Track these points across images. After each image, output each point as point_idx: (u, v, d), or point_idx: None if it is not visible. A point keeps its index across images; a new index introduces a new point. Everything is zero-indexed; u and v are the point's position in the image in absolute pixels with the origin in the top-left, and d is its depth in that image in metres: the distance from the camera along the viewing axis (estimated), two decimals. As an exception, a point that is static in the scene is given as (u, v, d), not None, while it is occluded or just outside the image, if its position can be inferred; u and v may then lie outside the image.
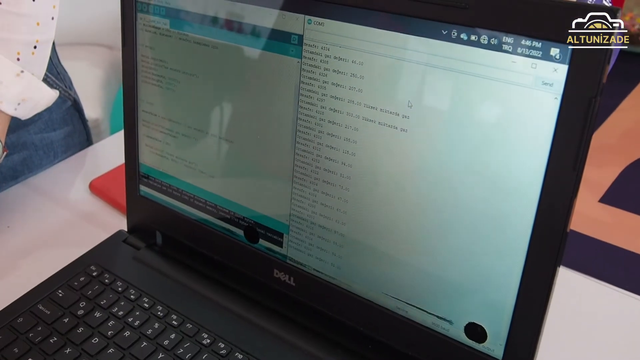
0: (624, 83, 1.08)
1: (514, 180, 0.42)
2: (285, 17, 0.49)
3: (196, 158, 0.60)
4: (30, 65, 0.67)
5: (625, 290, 0.64)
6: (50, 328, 0.55)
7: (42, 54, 0.68)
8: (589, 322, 0.61)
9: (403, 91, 0.45)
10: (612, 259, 0.69)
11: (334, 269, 0.53)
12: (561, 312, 0.44)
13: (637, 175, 0.85)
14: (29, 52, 0.66)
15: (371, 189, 0.49)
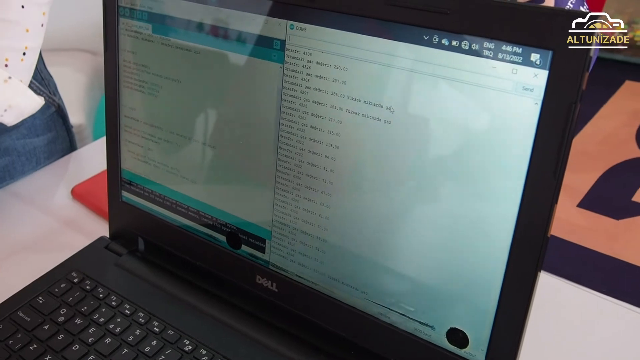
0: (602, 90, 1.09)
1: (495, 186, 0.42)
2: (268, 23, 0.49)
3: (178, 164, 0.59)
4: (18, 72, 0.66)
5: (603, 293, 0.65)
6: (30, 335, 0.55)
7: (30, 60, 0.68)
8: (568, 326, 0.61)
9: (385, 96, 0.45)
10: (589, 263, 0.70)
11: (317, 275, 0.53)
12: (541, 316, 0.44)
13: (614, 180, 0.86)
14: (17, 58, 0.66)
15: (353, 194, 0.49)
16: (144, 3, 0.57)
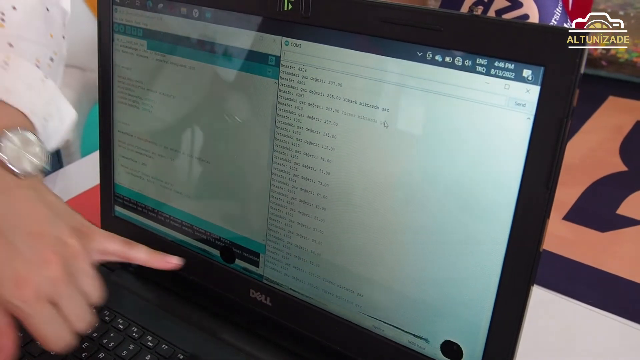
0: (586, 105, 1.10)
1: (488, 200, 0.43)
2: (263, 39, 0.50)
3: (172, 178, 0.60)
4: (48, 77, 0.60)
5: (589, 304, 0.66)
6: (23, 351, 0.54)
7: (56, 69, 0.62)
8: (558, 337, 0.62)
9: (379, 112, 0.46)
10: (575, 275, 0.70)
11: (311, 289, 0.54)
12: (533, 329, 0.45)
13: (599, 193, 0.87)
14: (46, 63, 0.60)
15: (347, 208, 0.49)
16: (139, 19, 0.57)
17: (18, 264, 0.44)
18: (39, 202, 0.48)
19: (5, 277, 0.43)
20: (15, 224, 0.45)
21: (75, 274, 0.46)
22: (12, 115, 0.51)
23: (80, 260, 0.47)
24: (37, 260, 0.44)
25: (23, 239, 0.45)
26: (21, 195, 0.47)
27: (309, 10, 0.47)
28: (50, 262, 0.44)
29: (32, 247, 0.45)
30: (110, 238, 0.52)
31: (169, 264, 0.55)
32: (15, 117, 0.52)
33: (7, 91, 0.51)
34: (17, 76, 0.53)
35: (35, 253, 0.45)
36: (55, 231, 0.47)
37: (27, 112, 0.52)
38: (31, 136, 0.50)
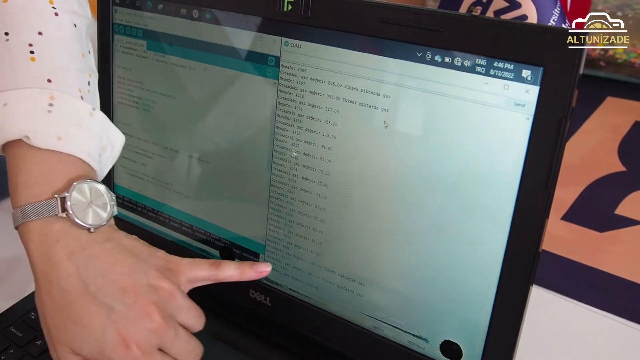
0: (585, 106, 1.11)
1: (487, 200, 0.43)
2: (262, 39, 0.50)
3: (172, 179, 0.60)
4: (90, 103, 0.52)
5: (587, 304, 0.66)
6: (22, 351, 0.54)
7: (95, 90, 0.54)
8: (557, 337, 0.62)
9: (378, 111, 0.46)
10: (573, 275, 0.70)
11: (310, 289, 0.54)
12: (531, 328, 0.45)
13: (597, 193, 0.87)
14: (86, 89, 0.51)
15: (346, 209, 0.49)
16: (139, 20, 0.57)
17: (119, 325, 0.42)
18: (120, 253, 0.45)
19: (110, 340, 0.42)
20: (103, 282, 0.43)
21: (174, 314, 0.45)
22: (70, 164, 0.47)
23: (175, 299, 0.45)
24: (136, 316, 0.43)
25: (116, 296, 0.43)
26: (99, 251, 0.45)
27: (308, 11, 0.47)
28: (150, 314, 0.43)
29: (127, 304, 0.43)
30: (196, 265, 0.49)
31: (261, 274, 0.51)
32: (73, 165, 0.47)
33: (58, 139, 0.46)
34: (65, 118, 0.47)
35: (132, 309, 0.43)
36: (144, 278, 0.45)
37: (83, 157, 0.47)
38: (97, 185, 0.47)
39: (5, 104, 0.46)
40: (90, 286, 0.43)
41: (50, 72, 0.48)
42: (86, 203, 0.46)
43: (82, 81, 0.50)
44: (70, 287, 0.43)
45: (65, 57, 0.50)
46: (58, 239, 0.44)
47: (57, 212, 0.44)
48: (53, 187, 0.46)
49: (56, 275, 0.43)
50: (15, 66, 0.48)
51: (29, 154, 0.46)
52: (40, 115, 0.47)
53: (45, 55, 0.49)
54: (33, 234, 0.45)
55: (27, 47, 0.48)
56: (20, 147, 0.46)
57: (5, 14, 0.48)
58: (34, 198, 0.45)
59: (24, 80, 0.47)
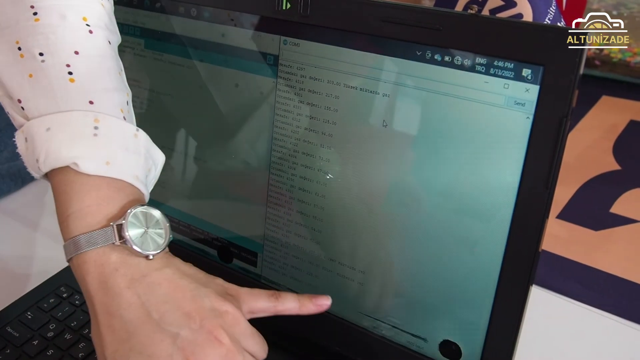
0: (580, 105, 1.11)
1: (487, 199, 0.43)
2: (261, 38, 0.50)
3: (170, 178, 0.59)
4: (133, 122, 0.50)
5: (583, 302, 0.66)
6: (19, 351, 0.54)
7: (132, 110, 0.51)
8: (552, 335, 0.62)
9: (377, 110, 0.46)
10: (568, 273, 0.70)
11: (309, 288, 0.54)
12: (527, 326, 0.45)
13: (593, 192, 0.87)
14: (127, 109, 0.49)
15: (345, 208, 0.49)
16: (137, 19, 0.57)
17: (187, 351, 0.40)
18: (180, 279, 0.43)
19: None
20: (166, 309, 0.42)
21: (240, 340, 0.43)
22: (120, 189, 0.45)
23: (240, 325, 0.44)
24: (204, 341, 0.41)
25: (181, 322, 0.41)
26: (160, 278, 0.43)
27: (307, 10, 0.47)
28: (219, 337, 0.41)
29: (193, 329, 0.41)
30: (256, 296, 0.47)
31: (321, 307, 0.49)
32: (123, 191, 0.45)
33: (107, 163, 0.44)
34: (112, 142, 0.45)
35: (199, 334, 0.41)
36: (208, 302, 0.43)
37: (132, 181, 0.46)
38: (152, 210, 0.45)
39: (49, 128, 0.44)
40: (153, 314, 0.41)
41: (91, 93, 0.46)
42: (142, 230, 0.44)
43: (122, 100, 0.48)
44: (132, 316, 0.41)
45: (104, 76, 0.47)
46: (117, 268, 0.42)
47: (115, 240, 0.43)
48: (107, 215, 0.44)
49: (117, 305, 0.42)
50: (55, 88, 0.45)
51: (78, 181, 0.44)
52: (86, 139, 0.44)
53: (85, 75, 0.46)
54: (89, 265, 0.43)
55: (64, 67, 0.46)
56: (67, 174, 0.44)
57: (39, 34, 0.46)
58: (88, 228, 0.43)
59: (66, 103, 0.45)
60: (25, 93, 0.45)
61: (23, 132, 0.45)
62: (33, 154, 0.44)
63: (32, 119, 0.45)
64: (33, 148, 0.44)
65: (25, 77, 0.45)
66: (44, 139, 0.44)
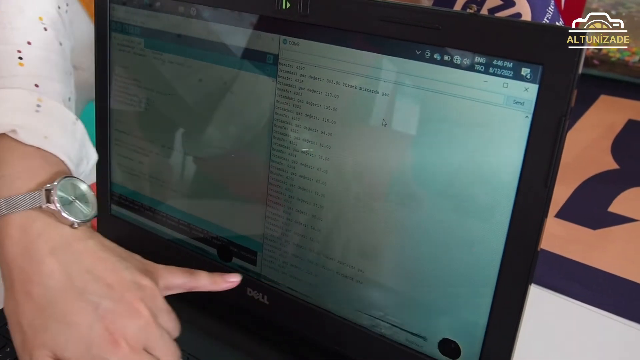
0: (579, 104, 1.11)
1: (486, 198, 0.43)
2: (261, 37, 0.50)
3: (169, 177, 0.59)
4: None
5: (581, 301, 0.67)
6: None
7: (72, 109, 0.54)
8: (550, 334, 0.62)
9: (377, 110, 0.46)
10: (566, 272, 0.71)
11: (308, 287, 0.54)
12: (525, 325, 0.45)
13: (591, 191, 0.87)
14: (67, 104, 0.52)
15: (345, 207, 0.49)
16: (136, 18, 0.57)
17: (107, 320, 0.41)
18: (102, 251, 0.45)
19: (98, 337, 0.41)
20: (89, 279, 0.42)
21: (157, 314, 0.44)
22: (53, 164, 0.47)
23: (158, 299, 0.45)
24: (125, 312, 0.42)
25: (103, 292, 0.42)
26: (84, 248, 0.44)
27: (307, 9, 0.47)
28: (139, 309, 0.42)
29: (115, 299, 0.42)
30: (173, 272, 0.49)
31: (230, 284, 0.52)
32: (56, 165, 0.47)
33: (45, 137, 0.47)
34: (51, 120, 0.48)
35: (120, 304, 0.42)
36: (129, 276, 0.44)
37: (64, 159, 0.48)
38: (80, 183, 0.47)
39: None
40: (75, 282, 0.42)
41: (37, 77, 0.49)
42: (70, 199, 0.45)
43: (65, 94, 0.51)
44: (54, 284, 0.42)
45: (52, 68, 0.50)
46: (40, 234, 0.43)
47: (42, 203, 0.43)
48: (37, 181, 0.45)
49: (38, 272, 0.42)
50: (3, 68, 0.48)
51: (13, 148, 0.46)
52: (28, 112, 0.47)
53: (33, 62, 0.49)
54: (12, 228, 0.43)
55: (16, 52, 0.49)
56: (4, 141, 0.46)
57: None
58: (16, 191, 0.44)
59: (12, 81, 0.48)
60: None
61: None
62: None
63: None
64: None
65: None
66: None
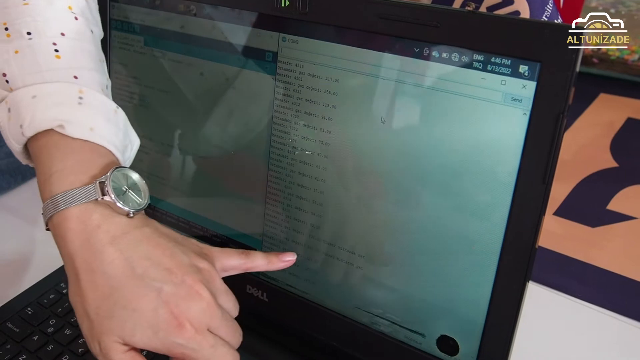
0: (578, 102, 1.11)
1: (484, 195, 0.43)
2: (260, 35, 0.50)
3: (169, 175, 0.60)
4: None
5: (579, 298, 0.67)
6: (19, 346, 0.54)
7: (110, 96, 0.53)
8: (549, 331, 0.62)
9: (376, 107, 0.46)
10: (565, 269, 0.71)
11: (307, 284, 0.54)
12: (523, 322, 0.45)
13: (590, 189, 0.87)
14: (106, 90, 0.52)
15: (343, 205, 0.50)
16: (136, 16, 0.57)
17: (171, 304, 0.42)
18: (159, 237, 0.45)
19: (163, 321, 0.41)
20: (149, 265, 0.43)
21: (217, 295, 0.44)
22: (101, 155, 0.47)
23: (216, 281, 0.45)
24: (187, 294, 0.42)
25: (163, 277, 0.42)
26: (141, 235, 0.44)
27: (306, 7, 0.47)
28: (200, 292, 0.42)
29: (176, 283, 0.42)
30: (228, 254, 0.49)
31: (286, 263, 0.51)
32: (105, 157, 0.47)
33: (90, 129, 0.46)
34: (95, 111, 0.48)
35: (181, 287, 0.42)
36: (187, 260, 0.44)
37: (112, 149, 0.48)
38: (131, 173, 0.47)
39: (34, 96, 0.46)
40: (136, 269, 0.42)
41: (75, 69, 0.49)
42: (123, 189, 0.45)
43: (102, 82, 0.51)
44: (115, 271, 0.42)
45: (87, 58, 0.50)
46: (99, 225, 0.43)
47: (97, 196, 0.44)
48: (89, 174, 0.45)
49: (100, 261, 0.42)
50: (41, 62, 0.47)
51: (62, 143, 0.46)
52: (72, 106, 0.46)
53: (69, 54, 0.49)
54: (71, 221, 0.43)
55: (51, 45, 0.48)
56: (51, 137, 0.46)
57: (27, 16, 0.48)
58: (70, 186, 0.44)
59: (52, 75, 0.47)
60: (11, 67, 0.48)
61: (7, 103, 0.47)
62: (17, 121, 0.46)
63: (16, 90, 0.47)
64: (17, 115, 0.46)
65: (11, 53, 0.48)
66: (30, 104, 0.46)
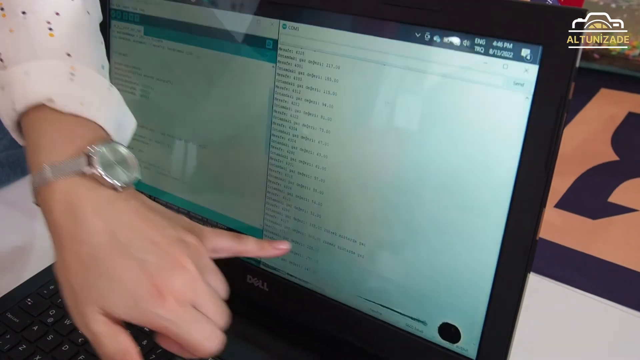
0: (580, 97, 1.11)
1: (486, 182, 0.43)
2: (260, 22, 0.50)
3: (169, 165, 0.59)
4: None
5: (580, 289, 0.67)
6: (19, 336, 0.54)
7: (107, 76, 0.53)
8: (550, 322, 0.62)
9: (377, 93, 0.46)
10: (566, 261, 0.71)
11: (308, 273, 0.54)
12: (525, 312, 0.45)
13: (591, 182, 0.88)
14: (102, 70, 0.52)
15: (345, 193, 0.49)
16: (136, 5, 0.57)
17: (153, 275, 0.41)
18: (147, 210, 0.44)
19: (143, 291, 0.40)
20: (133, 236, 0.42)
21: (203, 271, 0.43)
22: (92, 129, 0.46)
23: (204, 257, 0.44)
24: (169, 266, 0.41)
25: (147, 248, 0.42)
26: (127, 207, 0.44)
27: (306, -7, 0.47)
28: (185, 264, 0.42)
29: (159, 255, 0.42)
30: (219, 235, 0.48)
31: (279, 251, 0.51)
32: (95, 131, 0.47)
33: (81, 104, 0.46)
34: (86, 86, 0.48)
35: (165, 259, 0.42)
36: (174, 233, 0.44)
37: (102, 124, 0.47)
38: (121, 147, 0.46)
39: (27, 72, 0.46)
40: (120, 239, 0.42)
41: (69, 47, 0.49)
42: (111, 163, 0.45)
43: (98, 61, 0.51)
44: (99, 241, 0.42)
45: (82, 37, 0.50)
46: (85, 196, 0.43)
47: (83, 167, 0.43)
48: (78, 147, 0.44)
49: (84, 232, 0.42)
50: (34, 40, 0.48)
51: (51, 117, 0.45)
52: (62, 81, 0.46)
53: (64, 32, 0.49)
54: (57, 193, 0.43)
55: (45, 24, 0.48)
56: (41, 112, 0.46)
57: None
58: (58, 158, 0.44)
59: (44, 53, 0.47)
60: (5, 45, 0.48)
61: (0, 81, 0.47)
62: (10, 97, 0.46)
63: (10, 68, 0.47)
64: (10, 91, 0.46)
65: (6, 31, 0.48)
66: (22, 80, 0.46)
